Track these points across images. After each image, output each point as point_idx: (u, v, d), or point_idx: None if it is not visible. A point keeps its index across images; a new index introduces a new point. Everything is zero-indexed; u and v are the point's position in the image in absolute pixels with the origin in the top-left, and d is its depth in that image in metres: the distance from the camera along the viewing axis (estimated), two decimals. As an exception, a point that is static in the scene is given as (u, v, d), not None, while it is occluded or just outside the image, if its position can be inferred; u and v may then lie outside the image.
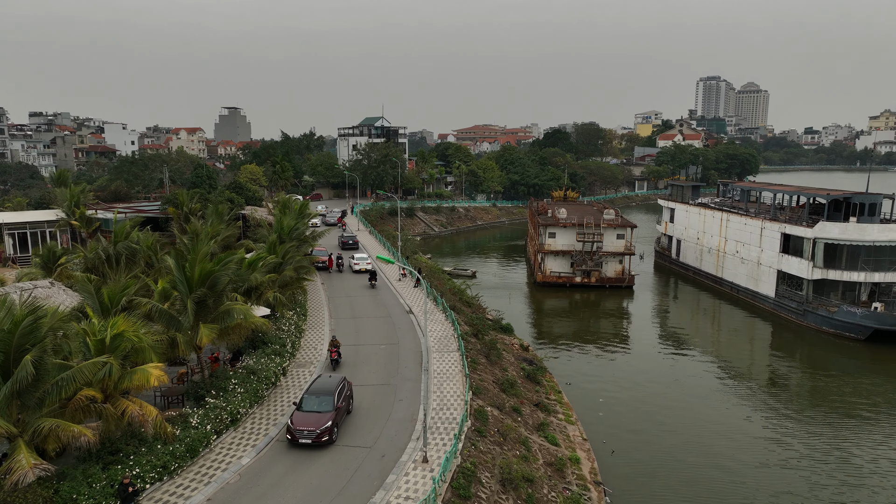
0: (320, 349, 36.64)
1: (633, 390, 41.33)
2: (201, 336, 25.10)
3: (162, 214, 58.59)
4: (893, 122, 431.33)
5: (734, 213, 67.04)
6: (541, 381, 38.41)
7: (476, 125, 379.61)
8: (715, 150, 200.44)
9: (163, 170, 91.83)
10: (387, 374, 33.23)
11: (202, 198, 58.31)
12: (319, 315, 43.88)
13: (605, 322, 59.70)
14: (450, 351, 36.55)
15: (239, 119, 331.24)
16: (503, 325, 49.09)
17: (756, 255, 62.08)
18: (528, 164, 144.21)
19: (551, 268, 70.30)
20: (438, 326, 41.40)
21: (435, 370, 33.51)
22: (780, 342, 53.81)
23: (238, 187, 71.19)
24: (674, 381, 43.27)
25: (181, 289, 27.17)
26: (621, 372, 44.74)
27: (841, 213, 55.98)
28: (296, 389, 30.62)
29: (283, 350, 32.92)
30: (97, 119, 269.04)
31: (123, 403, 21.21)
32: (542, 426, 31.13)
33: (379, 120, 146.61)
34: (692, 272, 75.72)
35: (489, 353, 38.40)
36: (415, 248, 79.33)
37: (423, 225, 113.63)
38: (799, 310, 55.43)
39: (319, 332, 39.74)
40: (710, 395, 40.94)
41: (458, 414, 27.96)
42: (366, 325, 41.76)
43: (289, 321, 37.16)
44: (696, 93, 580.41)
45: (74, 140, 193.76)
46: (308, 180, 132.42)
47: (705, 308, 65.60)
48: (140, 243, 38.04)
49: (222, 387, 27.28)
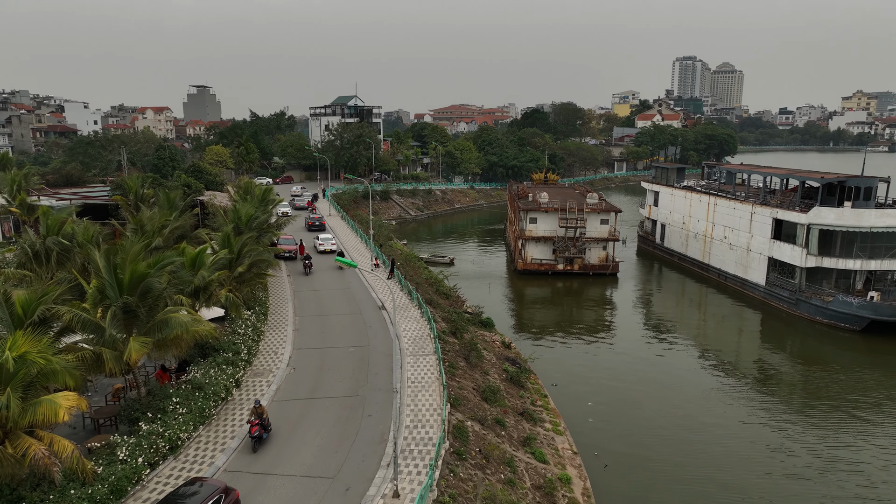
0: (281, 354, 32.93)
1: (622, 390, 38.41)
2: (130, 352, 21.21)
3: (109, 201, 53.74)
4: (865, 102, 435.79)
5: (722, 196, 64.33)
6: (525, 385, 35.26)
7: (453, 105, 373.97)
8: (693, 130, 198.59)
9: (121, 151, 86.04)
10: (355, 382, 29.71)
11: (155, 182, 53.57)
12: (283, 313, 40.06)
13: (590, 312, 56.79)
14: (425, 354, 33.12)
15: (209, 98, 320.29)
16: (483, 320, 45.82)
17: (745, 241, 59.50)
18: (506, 145, 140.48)
19: (532, 255, 67.11)
20: (413, 324, 37.91)
21: (409, 377, 30.08)
22: (771, 333, 51.41)
23: (197, 171, 66.16)
24: (663, 377, 40.45)
25: (111, 294, 23.20)
26: (608, 368, 41.80)
27: (835, 197, 53.46)
28: (250, 404, 26.97)
29: (238, 358, 29.17)
30: (58, 97, 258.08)
31: (26, 442, 17.41)
32: (528, 440, 27.96)
33: (352, 99, 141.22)
34: (677, 258, 73.17)
35: (469, 354, 35.08)
36: (389, 234, 75.53)
37: (399, 209, 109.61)
38: (791, 299, 53.04)
39: (281, 334, 35.96)
40: (703, 394, 38.19)
41: (435, 433, 24.59)
42: (333, 325, 38.09)
43: (245, 322, 33.32)
44: (673, 73, 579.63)
45: (31, 119, 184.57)
46: (278, 162, 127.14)
47: (692, 296, 63.08)
48: (76, 236, 33.62)
49: (161, 407, 23.50)
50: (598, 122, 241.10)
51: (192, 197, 53.44)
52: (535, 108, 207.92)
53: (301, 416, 26.20)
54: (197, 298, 29.50)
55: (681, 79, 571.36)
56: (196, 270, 29.09)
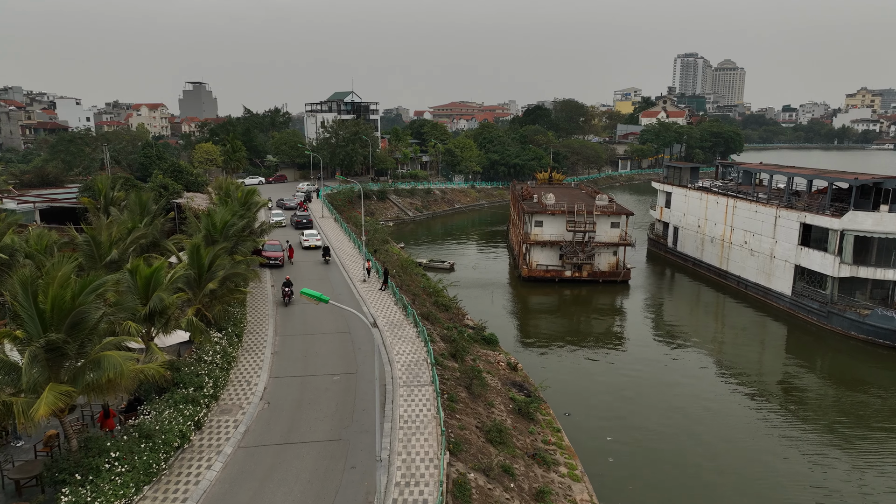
0: (254, 384, 28.54)
1: (642, 419, 34.06)
2: (37, 408, 16.73)
3: (77, 204, 49.28)
4: (870, 100, 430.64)
5: (742, 198, 59.88)
6: (535, 416, 30.90)
7: (453, 102, 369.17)
8: (699, 127, 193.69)
9: (103, 149, 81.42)
10: (338, 422, 25.34)
11: (128, 184, 49.06)
12: (262, 331, 35.66)
13: (600, 324, 52.40)
14: (421, 384, 28.75)
15: (205, 95, 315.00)
16: (486, 336, 41.46)
17: (769, 246, 55.08)
18: (508, 143, 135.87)
19: (538, 260, 62.71)
20: (408, 346, 33.54)
21: (402, 415, 25.71)
22: (799, 347, 47.05)
23: (177, 170, 61.56)
24: (686, 404, 36.09)
25: (31, 329, 18.81)
26: (625, 393, 37.44)
27: (870, 200, 49.07)
28: (211, 452, 22.61)
29: (200, 395, 24.74)
30: (52, 94, 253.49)
31: None
32: (541, 494, 23.59)
33: (349, 95, 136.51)
34: (691, 263, 68.76)
35: (471, 383, 30.69)
36: (386, 237, 71.11)
37: (397, 209, 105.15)
38: (822, 311, 48.64)
39: (257, 358, 31.56)
40: (737, 426, 33.84)
41: (431, 493, 20.24)
42: (318, 346, 33.70)
43: (214, 347, 28.91)
44: (674, 70, 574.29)
45: (21, 116, 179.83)
46: (272, 160, 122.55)
47: (709, 305, 58.68)
48: (20, 247, 29.17)
49: (93, 465, 19.09)
50: (600, 119, 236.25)
51: (166, 199, 48.82)
52: (537, 105, 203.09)
53: (271, 469, 21.85)
54: (153, 324, 25.10)
55: (682, 76, 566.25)
56: (152, 291, 24.67)
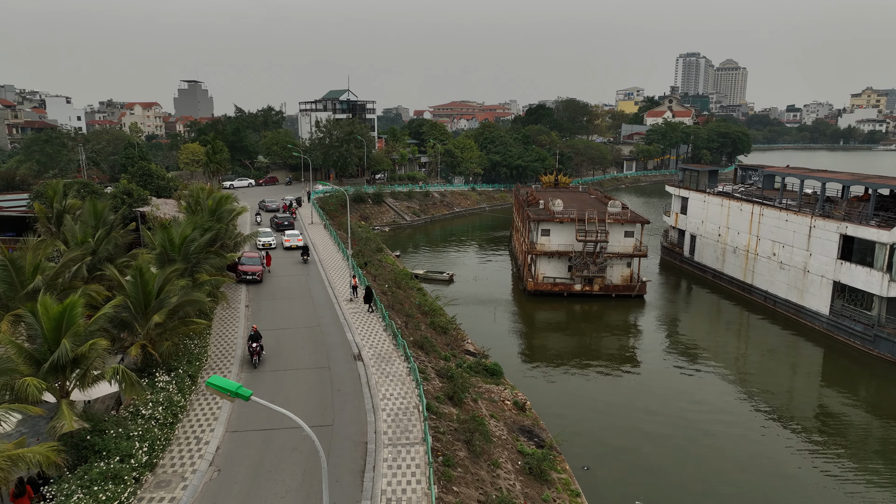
0: (205, 441, 23.17)
1: (677, 473, 28.75)
2: None
3: (27, 213, 43.91)
4: (875, 99, 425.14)
5: (769, 205, 54.52)
6: (549, 476, 25.56)
7: (453, 102, 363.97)
8: (707, 128, 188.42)
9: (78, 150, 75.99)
10: (304, 499, 20.01)
11: (86, 190, 43.68)
12: (225, 366, 30.27)
13: (614, 343, 47.02)
14: (411, 443, 23.40)
15: (200, 94, 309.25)
16: (489, 367, 36.14)
17: (802, 259, 49.75)
18: (510, 143, 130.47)
19: (545, 273, 57.36)
20: (397, 387, 28.20)
21: (384, 490, 20.39)
22: (841, 376, 41.73)
23: (146, 174, 56.11)
24: (730, 447, 30.77)
25: None
26: (651, 437, 32.12)
27: (918, 209, 43.84)
28: (134, 550, 17.27)
29: (126, 468, 19.37)
30: (45, 93, 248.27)
31: None
32: None
33: (344, 93, 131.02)
34: (711, 275, 63.41)
35: (472, 437, 25.32)
36: (380, 245, 65.86)
37: (393, 213, 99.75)
38: (867, 334, 43.30)
39: (213, 406, 26.14)
40: (784, 474, 28.54)
41: None
42: (290, 386, 28.34)
43: (156, 397, 23.52)
44: (676, 69, 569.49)
45: (7, 115, 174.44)
46: (262, 161, 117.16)
47: (733, 323, 53.28)
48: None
49: None
50: (604, 119, 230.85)
51: (126, 208, 43.16)
52: (539, 104, 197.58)
53: (208, 578, 16.53)
54: (66, 377, 19.75)
55: (684, 76, 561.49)
56: (63, 335, 19.34)
